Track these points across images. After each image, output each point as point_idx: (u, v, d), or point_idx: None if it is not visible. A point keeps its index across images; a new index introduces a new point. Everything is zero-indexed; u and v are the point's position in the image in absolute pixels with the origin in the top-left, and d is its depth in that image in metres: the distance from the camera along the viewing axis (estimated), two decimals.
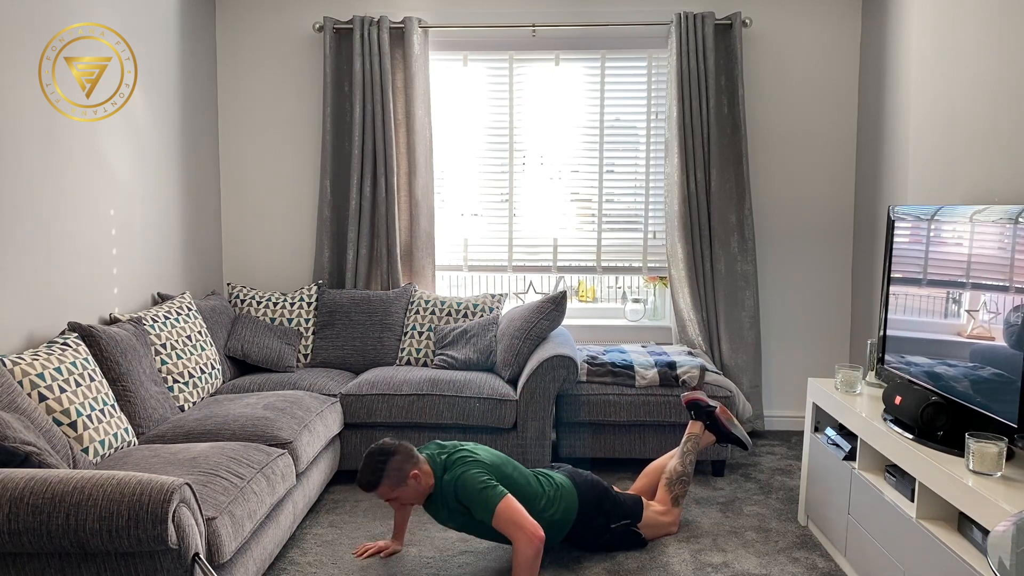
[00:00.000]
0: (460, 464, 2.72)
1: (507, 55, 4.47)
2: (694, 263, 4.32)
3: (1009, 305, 2.21)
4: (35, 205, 2.95)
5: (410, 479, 2.67)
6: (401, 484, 2.67)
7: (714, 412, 3.34)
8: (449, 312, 4.21)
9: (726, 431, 3.34)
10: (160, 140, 3.88)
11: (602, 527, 2.95)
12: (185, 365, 3.43)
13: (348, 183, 4.42)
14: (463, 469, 2.70)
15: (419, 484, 2.69)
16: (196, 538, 2.09)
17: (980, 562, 2.01)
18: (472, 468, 2.70)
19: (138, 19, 3.66)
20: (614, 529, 2.96)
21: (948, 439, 2.33)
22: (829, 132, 4.41)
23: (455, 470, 2.71)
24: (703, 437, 3.32)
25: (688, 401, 3.40)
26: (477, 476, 2.68)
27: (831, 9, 4.35)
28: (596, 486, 2.99)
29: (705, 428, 3.33)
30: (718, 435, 3.35)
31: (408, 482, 2.67)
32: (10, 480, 2.01)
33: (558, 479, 2.95)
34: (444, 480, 2.71)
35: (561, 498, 2.89)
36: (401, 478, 2.67)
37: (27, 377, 2.53)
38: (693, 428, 3.31)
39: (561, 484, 2.93)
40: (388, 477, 2.66)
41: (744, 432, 3.41)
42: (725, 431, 3.34)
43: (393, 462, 2.66)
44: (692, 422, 3.34)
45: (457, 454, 2.77)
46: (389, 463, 2.65)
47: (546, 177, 4.56)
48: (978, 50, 2.95)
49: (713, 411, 3.34)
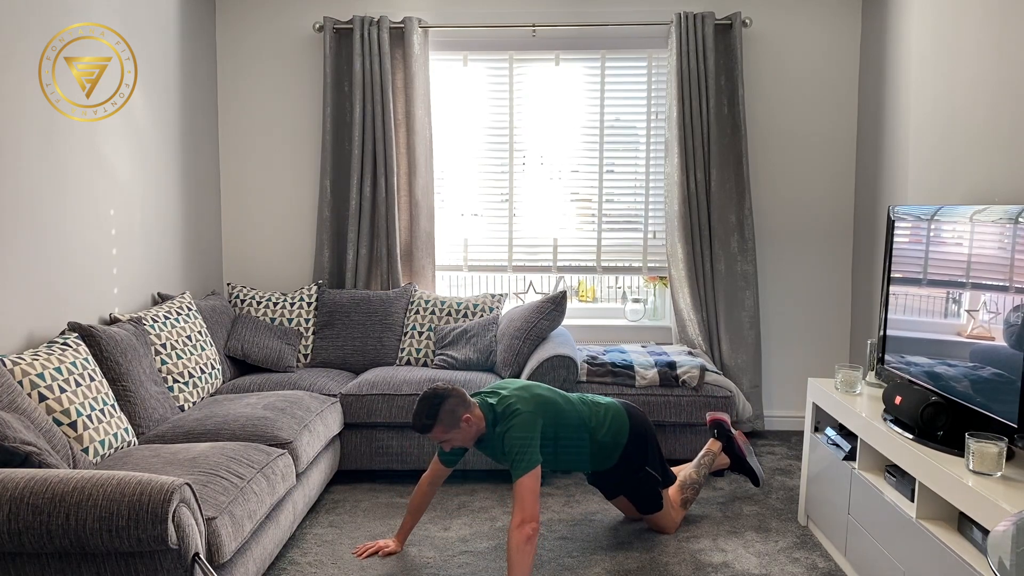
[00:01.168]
0: (509, 417, 2.78)
1: (507, 55, 4.47)
2: (694, 263, 4.32)
3: (1009, 305, 2.21)
4: (35, 205, 2.95)
5: (462, 423, 2.74)
6: (454, 427, 2.74)
7: (733, 437, 3.43)
8: (449, 312, 4.21)
9: (741, 456, 3.42)
10: (160, 140, 3.88)
11: (639, 464, 3.02)
12: (185, 365, 3.43)
13: (348, 183, 4.42)
14: (509, 424, 2.76)
15: (471, 428, 2.77)
16: (196, 538, 2.09)
17: (980, 562, 2.01)
18: (518, 426, 2.75)
19: (138, 19, 3.66)
20: (647, 471, 3.04)
21: (948, 439, 2.33)
22: (829, 132, 4.41)
23: (505, 423, 2.78)
24: (719, 457, 3.39)
25: (712, 420, 3.48)
26: (521, 436, 2.74)
27: (831, 9, 4.35)
28: (647, 422, 3.11)
29: (723, 450, 3.40)
30: (733, 460, 3.43)
31: (460, 425, 2.75)
32: (10, 480, 2.01)
33: (605, 402, 3.07)
34: (495, 432, 2.80)
35: (612, 420, 3.00)
36: (454, 421, 2.74)
37: (27, 377, 2.53)
38: (713, 446, 3.39)
39: (609, 406, 3.04)
40: (442, 420, 2.73)
41: (759, 467, 3.48)
42: (740, 456, 3.42)
43: (447, 404, 2.73)
44: (713, 440, 3.42)
45: (509, 406, 2.81)
46: (443, 406, 2.73)
47: (546, 177, 4.56)
48: (978, 50, 2.95)
49: (732, 436, 3.43)
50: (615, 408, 3.05)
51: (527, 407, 2.81)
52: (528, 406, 2.81)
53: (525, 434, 2.75)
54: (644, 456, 3.03)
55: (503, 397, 2.86)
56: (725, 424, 3.45)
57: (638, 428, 3.04)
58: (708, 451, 3.34)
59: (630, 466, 3.03)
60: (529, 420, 2.77)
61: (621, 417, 3.02)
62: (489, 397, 2.89)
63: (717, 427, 3.44)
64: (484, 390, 2.95)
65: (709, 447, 3.37)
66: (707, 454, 3.33)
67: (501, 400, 2.85)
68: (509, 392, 2.88)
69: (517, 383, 2.97)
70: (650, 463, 3.05)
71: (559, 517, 3.31)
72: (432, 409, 2.73)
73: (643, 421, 3.09)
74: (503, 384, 2.97)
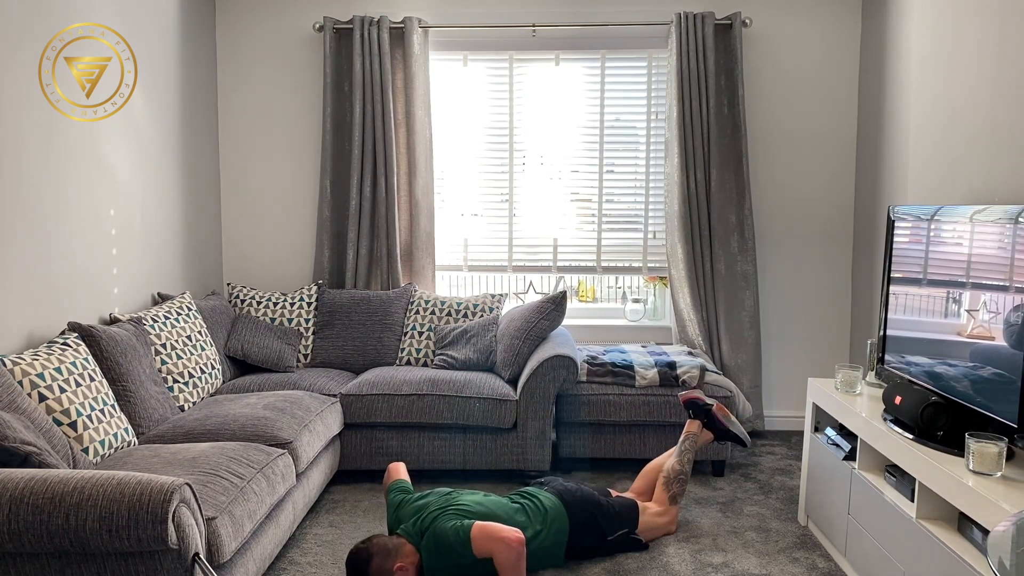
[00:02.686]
0: (429, 522, 2.71)
1: (507, 55, 4.47)
2: (694, 263, 4.32)
3: (1009, 305, 2.21)
4: (35, 205, 2.95)
5: (396, 572, 2.60)
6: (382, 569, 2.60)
7: (711, 409, 3.32)
8: (449, 312, 4.21)
9: (724, 428, 3.31)
10: (160, 140, 3.88)
11: (598, 542, 2.94)
12: (185, 365, 3.43)
13: (348, 183, 4.42)
14: (431, 525, 2.69)
15: (408, 569, 2.63)
16: (196, 538, 2.09)
17: (980, 562, 2.01)
18: (439, 519, 2.69)
19: (138, 19, 3.66)
20: (611, 541, 2.95)
21: (948, 439, 2.33)
22: (829, 132, 4.41)
23: (428, 530, 2.69)
24: (701, 436, 3.30)
25: (686, 400, 3.39)
26: (443, 522, 2.68)
27: (831, 9, 4.35)
28: (587, 501, 2.96)
29: (703, 426, 3.32)
30: (716, 433, 3.32)
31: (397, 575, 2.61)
32: (10, 480, 2.01)
33: (545, 502, 2.91)
34: (423, 546, 2.68)
35: (551, 522, 2.86)
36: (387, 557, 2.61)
37: (27, 377, 2.53)
38: (691, 427, 3.30)
39: (549, 507, 2.89)
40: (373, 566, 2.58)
41: (742, 429, 3.39)
42: (723, 428, 3.31)
43: (372, 567, 2.56)
44: (690, 421, 3.33)
45: (428, 516, 2.74)
46: (369, 570, 2.57)
47: (546, 177, 4.56)
48: (978, 50, 2.95)
49: (710, 408, 3.33)
50: (555, 508, 2.89)
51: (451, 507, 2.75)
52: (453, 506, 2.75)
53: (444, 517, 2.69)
54: (600, 532, 2.93)
55: (425, 508, 2.77)
56: (699, 400, 3.35)
57: (579, 523, 2.90)
58: (687, 434, 3.26)
59: (591, 546, 2.93)
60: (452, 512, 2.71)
61: (561, 518, 2.88)
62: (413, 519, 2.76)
63: (692, 406, 3.35)
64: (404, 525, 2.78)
65: (687, 430, 3.28)
66: (687, 438, 3.25)
67: (424, 512, 2.76)
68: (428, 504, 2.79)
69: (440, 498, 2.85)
70: (610, 532, 2.95)
71: None
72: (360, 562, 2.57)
73: (583, 510, 2.93)
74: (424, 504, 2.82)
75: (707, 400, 3.37)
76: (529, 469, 3.65)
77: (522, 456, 3.63)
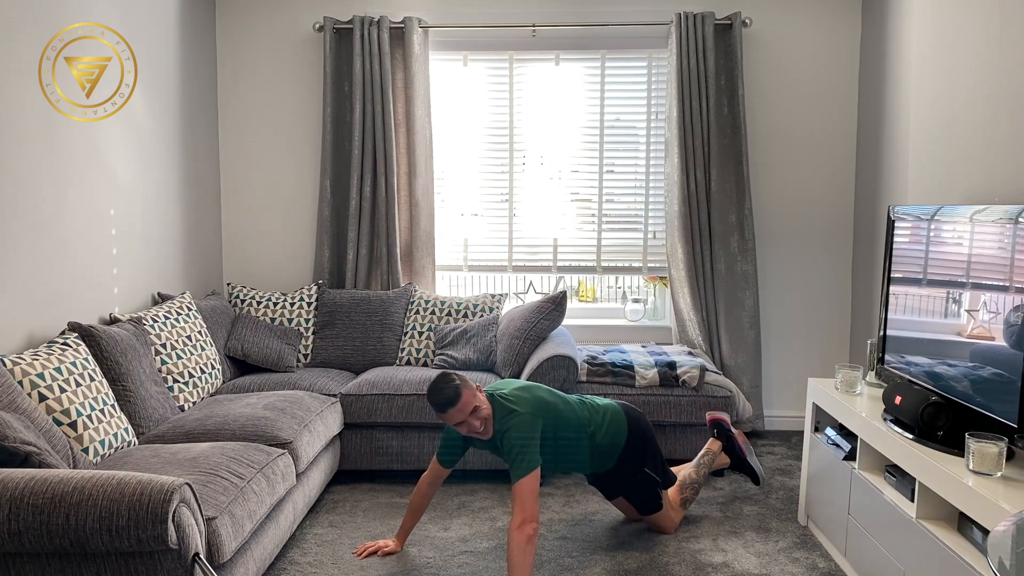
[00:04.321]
0: (509, 417, 2.79)
1: (507, 55, 4.47)
2: (694, 263, 4.32)
3: (1009, 305, 2.21)
4: (35, 205, 2.95)
5: (476, 405, 2.75)
6: (471, 405, 2.73)
7: (733, 436, 3.42)
8: (449, 312, 4.21)
9: (742, 457, 3.41)
10: (160, 140, 3.88)
11: (637, 465, 3.03)
12: (185, 365, 3.43)
13: (348, 183, 4.42)
14: (509, 424, 2.77)
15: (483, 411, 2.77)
16: (196, 538, 2.09)
17: (980, 562, 2.01)
18: (517, 427, 2.76)
19: (138, 19, 3.66)
20: (646, 472, 3.04)
21: (948, 439, 2.33)
22: (829, 132, 4.41)
23: (504, 422, 2.78)
24: (719, 457, 3.38)
25: (712, 420, 3.47)
26: (520, 437, 2.75)
27: (831, 9, 4.35)
28: (646, 423, 3.11)
29: (723, 449, 3.40)
30: (733, 459, 3.42)
31: (476, 404, 2.75)
32: (10, 480, 2.01)
33: (604, 404, 3.07)
34: (496, 429, 2.80)
35: (610, 422, 3.00)
36: (472, 389, 2.77)
37: (27, 377, 2.53)
38: (712, 445, 3.39)
39: (608, 408, 3.04)
40: (465, 386, 2.74)
41: (760, 466, 3.47)
42: (741, 456, 3.41)
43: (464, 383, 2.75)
44: (712, 440, 3.41)
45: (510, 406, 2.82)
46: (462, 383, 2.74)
47: (546, 177, 4.56)
48: (978, 50, 2.95)
49: (732, 436, 3.42)
50: (613, 410, 3.05)
51: (527, 408, 2.81)
52: (528, 407, 2.81)
53: (525, 435, 2.75)
54: (643, 458, 3.04)
55: (504, 396, 2.86)
56: (725, 423, 3.45)
57: (637, 430, 3.04)
58: (708, 451, 3.34)
59: (629, 467, 3.03)
60: (529, 422, 2.77)
61: (619, 419, 3.03)
62: (491, 393, 2.89)
63: (717, 427, 3.44)
64: (485, 388, 2.95)
65: (709, 447, 3.37)
66: (707, 454, 3.33)
67: (502, 399, 2.85)
68: (509, 392, 2.88)
69: (517, 383, 2.97)
70: (649, 464, 3.05)
71: (559, 517, 3.31)
72: (451, 379, 2.75)
73: (642, 423, 3.09)
74: (503, 383, 2.97)
75: (731, 427, 3.46)
76: None
77: None
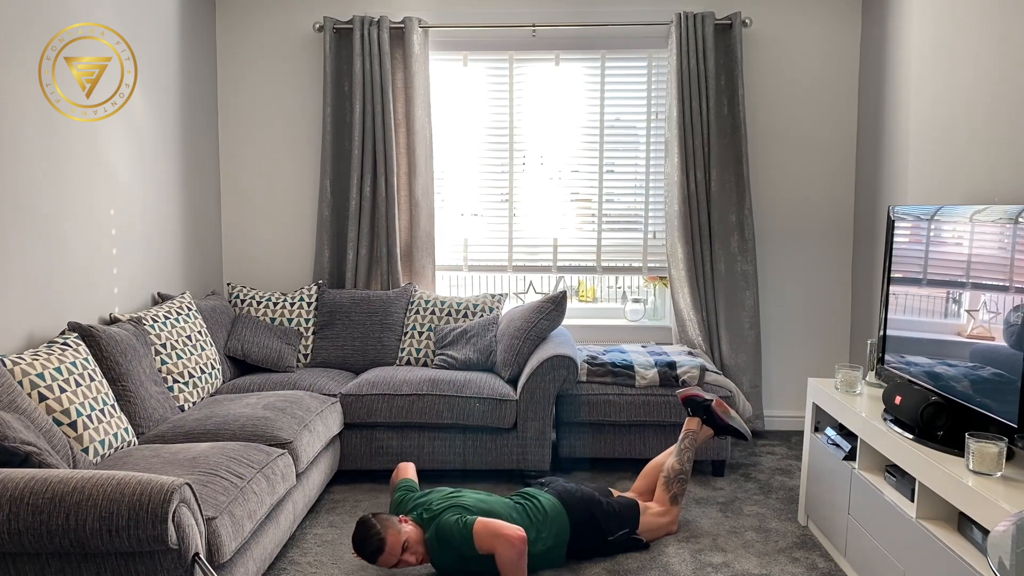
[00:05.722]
0: (434, 514, 2.75)
1: (507, 55, 4.47)
2: (694, 263, 4.32)
3: (1009, 305, 2.21)
4: (35, 205, 2.95)
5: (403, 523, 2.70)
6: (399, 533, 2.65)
7: (710, 405, 3.30)
8: (449, 312, 4.21)
9: (723, 423, 3.28)
10: (160, 140, 3.88)
11: (599, 542, 2.94)
12: (185, 365, 3.43)
13: (348, 183, 4.42)
14: (435, 517, 2.73)
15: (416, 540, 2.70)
16: (196, 538, 2.09)
17: (980, 562, 2.01)
18: (443, 513, 2.73)
19: (138, 19, 3.66)
20: (612, 541, 2.95)
21: (948, 439, 2.33)
22: (829, 132, 4.41)
23: (432, 522, 2.73)
24: (701, 432, 3.28)
25: (684, 397, 3.36)
26: (447, 516, 2.72)
27: (831, 9, 4.35)
28: (587, 502, 2.96)
29: (703, 423, 3.29)
30: (716, 428, 3.29)
31: (401, 526, 2.68)
32: (10, 480, 2.01)
33: (545, 503, 2.92)
34: (427, 538, 2.73)
35: (551, 522, 2.87)
36: (396, 528, 2.67)
37: (27, 377, 2.53)
38: (690, 425, 3.28)
39: (549, 509, 2.90)
40: (389, 530, 2.64)
41: (743, 423, 3.34)
42: (722, 423, 3.28)
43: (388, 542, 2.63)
44: (689, 419, 3.31)
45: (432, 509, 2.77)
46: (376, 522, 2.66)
47: (546, 177, 4.56)
48: (978, 50, 2.95)
49: (709, 404, 3.30)
50: (555, 509, 2.90)
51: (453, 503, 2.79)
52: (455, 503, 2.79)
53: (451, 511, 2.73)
54: (599, 535, 2.93)
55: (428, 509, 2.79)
56: (698, 397, 3.33)
57: (580, 524, 2.91)
58: (686, 433, 3.24)
59: (590, 547, 2.94)
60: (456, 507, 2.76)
61: (561, 519, 2.89)
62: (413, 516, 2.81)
63: (690, 403, 3.32)
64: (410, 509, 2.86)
65: (687, 428, 3.26)
66: (686, 437, 3.23)
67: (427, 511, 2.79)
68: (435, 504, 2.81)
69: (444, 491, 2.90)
70: (609, 533, 2.94)
71: None
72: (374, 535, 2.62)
73: (583, 511, 2.93)
74: (429, 499, 2.86)
75: (706, 396, 3.34)
76: (529, 469, 3.65)
77: (522, 456, 3.63)
